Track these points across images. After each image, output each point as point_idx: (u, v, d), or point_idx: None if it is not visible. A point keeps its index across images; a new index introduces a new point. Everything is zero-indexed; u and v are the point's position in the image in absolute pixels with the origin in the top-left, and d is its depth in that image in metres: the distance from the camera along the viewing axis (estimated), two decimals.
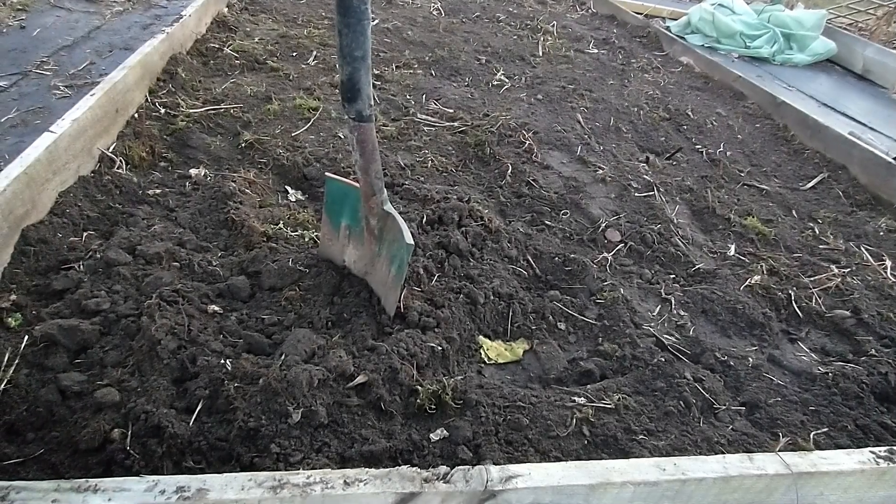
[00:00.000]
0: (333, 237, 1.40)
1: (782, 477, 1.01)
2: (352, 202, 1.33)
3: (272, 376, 1.06)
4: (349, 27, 1.02)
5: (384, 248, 1.31)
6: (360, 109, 1.11)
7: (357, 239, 1.36)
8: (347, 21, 1.02)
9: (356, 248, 1.37)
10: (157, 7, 3.26)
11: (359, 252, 1.37)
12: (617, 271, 1.72)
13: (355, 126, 1.13)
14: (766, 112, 3.15)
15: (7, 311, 1.17)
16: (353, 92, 1.08)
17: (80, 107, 1.67)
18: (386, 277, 1.31)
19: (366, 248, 1.35)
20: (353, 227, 1.36)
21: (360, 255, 1.38)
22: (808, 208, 2.30)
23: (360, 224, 1.33)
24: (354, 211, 1.33)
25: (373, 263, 1.35)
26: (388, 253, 1.29)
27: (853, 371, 1.43)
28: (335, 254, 1.42)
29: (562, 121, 2.60)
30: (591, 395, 1.25)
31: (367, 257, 1.36)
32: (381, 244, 1.31)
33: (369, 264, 1.36)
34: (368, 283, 1.38)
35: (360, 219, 1.32)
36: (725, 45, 4.42)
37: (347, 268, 1.41)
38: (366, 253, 1.36)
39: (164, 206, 1.58)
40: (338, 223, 1.38)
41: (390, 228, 1.27)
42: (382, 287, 1.34)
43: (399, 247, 1.24)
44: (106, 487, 0.79)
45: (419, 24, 3.59)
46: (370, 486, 0.85)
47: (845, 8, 5.61)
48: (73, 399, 1.03)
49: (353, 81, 1.07)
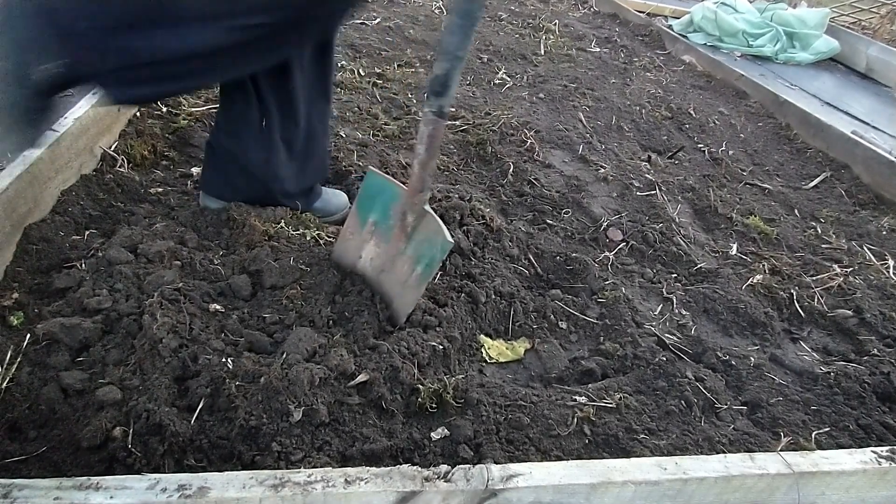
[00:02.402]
0: (356, 231, 1.40)
1: (784, 476, 1.01)
2: (386, 198, 1.33)
3: (273, 375, 1.06)
4: (461, 28, 1.09)
5: (411, 246, 1.31)
6: (443, 106, 1.16)
7: (381, 236, 1.36)
8: (461, 23, 1.09)
9: (377, 245, 1.37)
10: None
11: (379, 250, 1.37)
12: (618, 270, 1.71)
13: (433, 121, 1.16)
14: (768, 111, 3.14)
15: (9, 310, 1.18)
16: (444, 88, 1.13)
17: (83, 105, 1.67)
18: (406, 276, 1.31)
19: (390, 246, 1.34)
20: (379, 224, 1.36)
21: (379, 252, 1.37)
22: (810, 207, 2.30)
23: (389, 221, 1.33)
24: (386, 207, 1.33)
25: (392, 262, 1.35)
26: (416, 252, 1.30)
27: (855, 371, 1.43)
28: (351, 249, 1.41)
29: (563, 119, 2.59)
30: (592, 394, 1.25)
31: (387, 256, 1.35)
32: (409, 242, 1.31)
33: (388, 262, 1.36)
34: (378, 283, 1.37)
35: (392, 216, 1.32)
36: (728, 43, 4.41)
37: (359, 265, 1.40)
38: (387, 251, 1.35)
39: (165, 205, 1.58)
40: (365, 218, 1.37)
41: (426, 226, 1.28)
42: (399, 286, 1.34)
43: (431, 246, 1.26)
44: (108, 485, 0.79)
45: (421, 22, 3.58)
46: (371, 485, 0.85)
47: (849, 6, 5.58)
48: (75, 397, 1.04)
49: (447, 78, 1.12)
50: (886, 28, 5.22)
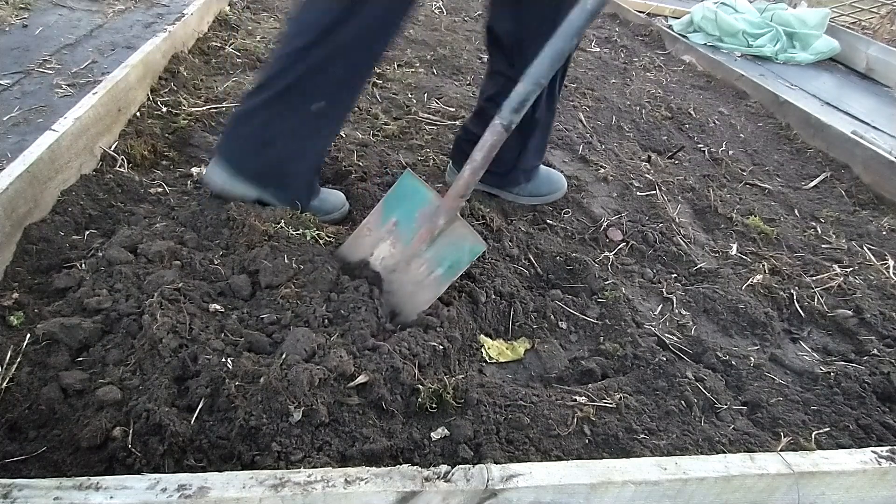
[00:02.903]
0: (375, 228, 1.42)
1: (784, 476, 1.01)
2: (416, 202, 1.37)
3: (273, 375, 1.06)
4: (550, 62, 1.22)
5: (433, 249, 1.35)
6: (513, 121, 1.25)
7: (400, 237, 1.39)
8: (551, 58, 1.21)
9: (393, 245, 1.40)
10: (159, 5, 3.26)
11: (394, 250, 1.40)
12: (618, 270, 1.71)
13: (500, 133, 1.25)
14: (768, 111, 3.14)
15: (9, 310, 1.18)
16: (520, 106, 1.25)
17: (83, 105, 1.67)
18: (423, 277, 1.35)
19: (409, 248, 1.37)
20: (401, 225, 1.39)
21: (393, 253, 1.40)
22: (810, 207, 2.30)
23: (413, 224, 1.37)
24: (413, 210, 1.37)
25: (407, 262, 1.37)
26: (438, 254, 1.34)
27: (855, 371, 1.43)
28: (365, 245, 1.43)
29: (563, 119, 2.59)
30: (592, 394, 1.25)
31: (402, 257, 1.38)
32: (432, 245, 1.35)
33: (402, 262, 1.38)
34: (386, 282, 1.39)
35: (417, 219, 1.36)
36: (728, 43, 4.41)
37: (369, 262, 1.42)
38: (403, 252, 1.38)
39: (165, 205, 1.58)
40: (389, 216, 1.40)
41: (454, 231, 1.33)
42: (412, 285, 1.36)
43: (457, 249, 1.31)
44: (108, 485, 0.79)
45: (421, 22, 3.58)
46: (371, 485, 0.85)
47: (849, 6, 5.59)
48: (75, 397, 1.04)
49: (526, 100, 1.25)
50: (886, 28, 5.22)
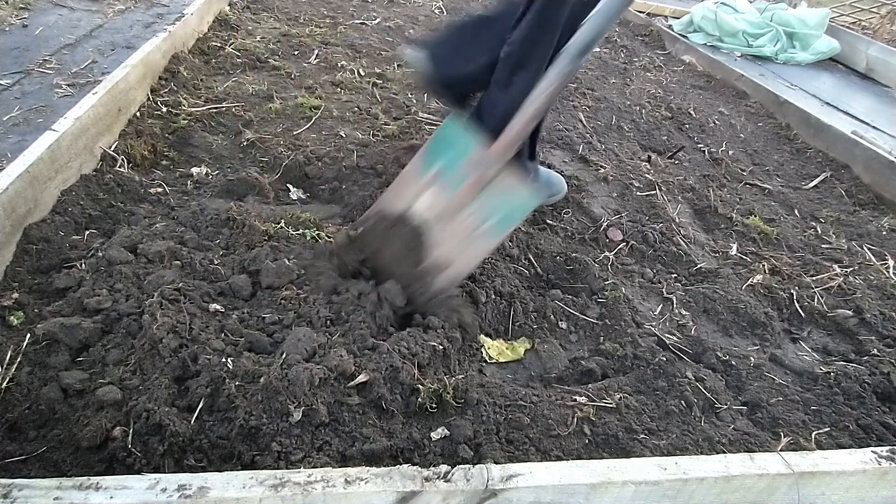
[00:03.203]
0: (417, 176, 1.35)
1: (784, 476, 1.01)
2: (460, 148, 1.30)
3: (273, 375, 1.06)
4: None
5: (481, 199, 1.27)
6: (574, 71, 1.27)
7: (444, 185, 1.31)
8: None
9: (438, 194, 1.32)
10: (159, 5, 3.26)
11: (438, 199, 1.32)
12: (618, 270, 1.71)
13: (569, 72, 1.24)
14: (768, 111, 3.14)
15: (9, 310, 1.18)
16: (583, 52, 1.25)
17: (83, 105, 1.67)
18: (470, 230, 1.27)
19: (456, 198, 1.30)
20: (446, 171, 1.32)
21: (437, 202, 1.32)
22: (810, 207, 2.30)
23: (458, 171, 1.29)
24: (457, 158, 1.30)
25: (452, 214, 1.29)
26: (487, 205, 1.26)
27: (855, 371, 1.43)
28: (408, 193, 1.36)
29: (564, 119, 2.59)
30: (592, 394, 1.25)
31: (448, 207, 1.30)
32: (480, 196, 1.27)
33: (445, 213, 1.30)
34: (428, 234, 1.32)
35: (461, 167, 1.29)
36: (728, 43, 4.41)
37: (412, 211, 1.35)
38: (449, 202, 1.31)
39: (165, 205, 1.58)
40: (432, 164, 1.33)
41: (504, 180, 1.25)
42: (455, 239, 1.29)
43: (508, 201, 1.24)
44: (108, 485, 0.80)
45: (421, 22, 3.59)
46: (371, 485, 0.85)
47: (849, 6, 5.59)
48: (75, 397, 1.04)
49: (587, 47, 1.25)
50: (886, 28, 5.22)
